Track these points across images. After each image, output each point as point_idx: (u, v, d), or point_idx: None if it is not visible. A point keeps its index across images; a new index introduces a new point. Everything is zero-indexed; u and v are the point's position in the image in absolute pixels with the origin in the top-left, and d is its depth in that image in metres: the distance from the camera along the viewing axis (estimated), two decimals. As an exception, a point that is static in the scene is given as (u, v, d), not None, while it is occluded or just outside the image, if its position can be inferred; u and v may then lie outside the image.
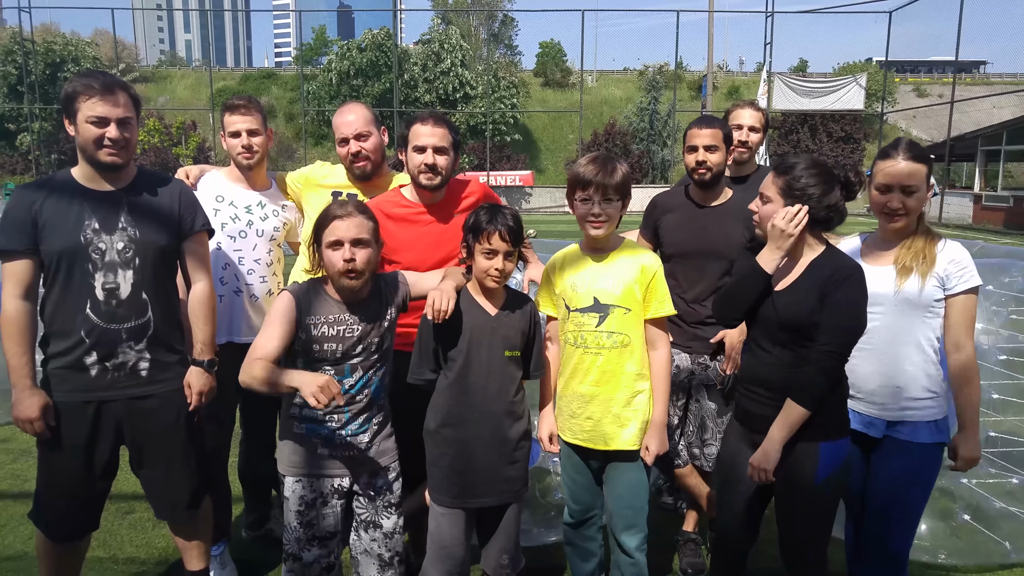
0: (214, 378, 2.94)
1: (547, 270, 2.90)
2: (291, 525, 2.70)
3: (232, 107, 3.34)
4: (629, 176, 2.74)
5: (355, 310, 2.67)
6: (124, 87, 2.72)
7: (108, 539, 3.74)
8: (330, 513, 2.71)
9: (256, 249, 3.38)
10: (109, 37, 40.28)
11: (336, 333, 2.63)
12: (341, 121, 3.31)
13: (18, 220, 2.62)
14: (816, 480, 2.46)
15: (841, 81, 32.90)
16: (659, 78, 43.16)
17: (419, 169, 3.01)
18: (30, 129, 35.53)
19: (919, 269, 2.59)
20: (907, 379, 2.61)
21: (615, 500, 2.80)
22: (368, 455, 2.73)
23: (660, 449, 2.75)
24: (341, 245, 2.59)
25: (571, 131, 42.94)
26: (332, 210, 2.67)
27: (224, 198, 3.35)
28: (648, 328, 2.76)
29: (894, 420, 2.63)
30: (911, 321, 2.61)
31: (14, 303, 2.63)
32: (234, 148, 3.33)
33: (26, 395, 2.62)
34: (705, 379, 3.33)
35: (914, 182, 2.60)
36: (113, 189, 2.74)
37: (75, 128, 2.66)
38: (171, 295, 2.89)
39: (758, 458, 2.48)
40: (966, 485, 3.76)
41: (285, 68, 60.59)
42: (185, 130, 36.86)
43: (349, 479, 2.72)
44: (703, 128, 3.24)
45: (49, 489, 2.76)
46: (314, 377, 2.37)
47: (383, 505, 2.77)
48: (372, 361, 2.70)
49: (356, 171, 3.33)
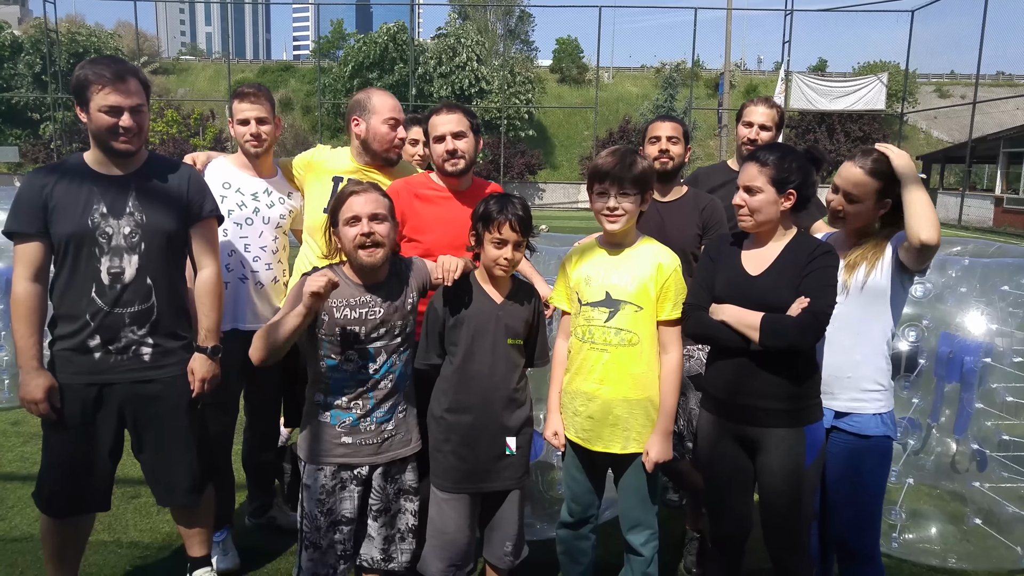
0: (218, 365, 2.94)
1: (564, 262, 2.87)
2: (311, 513, 2.69)
3: (241, 95, 3.33)
4: (650, 170, 2.69)
5: (376, 291, 2.67)
6: (134, 72, 2.73)
7: (113, 523, 3.76)
8: (349, 500, 2.70)
9: (262, 236, 3.37)
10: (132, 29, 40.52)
11: (359, 316, 2.63)
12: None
13: (30, 203, 2.65)
14: (806, 464, 2.51)
15: (863, 80, 32.54)
16: (676, 76, 43.00)
17: (442, 157, 3.06)
18: (53, 118, 35.91)
19: (868, 261, 2.62)
20: (857, 371, 2.64)
21: (622, 498, 2.78)
22: (392, 443, 2.73)
23: (660, 457, 2.67)
24: (359, 220, 2.59)
25: (586, 128, 42.86)
26: (347, 188, 2.68)
27: (231, 185, 3.34)
28: (660, 330, 2.70)
29: (842, 411, 2.65)
30: (863, 312, 2.64)
31: (24, 285, 2.66)
32: (242, 136, 3.32)
33: (32, 376, 2.65)
34: (688, 370, 3.29)
35: (857, 192, 2.63)
36: (122, 174, 2.75)
37: (87, 116, 2.68)
38: (177, 281, 2.89)
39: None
40: (978, 489, 3.71)
41: (303, 61, 60.84)
42: (203, 121, 37.12)
43: (369, 467, 2.71)
44: (665, 121, 3.48)
45: (50, 467, 2.79)
46: (313, 278, 2.46)
47: (400, 492, 2.77)
48: (395, 345, 2.70)
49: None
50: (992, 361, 3.66)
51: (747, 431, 2.58)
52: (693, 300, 2.67)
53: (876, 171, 2.61)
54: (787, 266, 2.53)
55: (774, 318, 2.45)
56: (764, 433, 2.54)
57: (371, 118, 3.26)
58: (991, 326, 3.72)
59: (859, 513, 2.67)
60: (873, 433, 2.63)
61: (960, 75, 48.44)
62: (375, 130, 3.26)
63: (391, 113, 3.26)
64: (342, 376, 2.66)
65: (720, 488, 2.71)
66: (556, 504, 3.73)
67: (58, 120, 35.86)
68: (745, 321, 2.49)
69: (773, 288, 2.51)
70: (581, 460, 2.80)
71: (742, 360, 2.55)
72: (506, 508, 2.80)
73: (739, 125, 3.82)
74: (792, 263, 2.52)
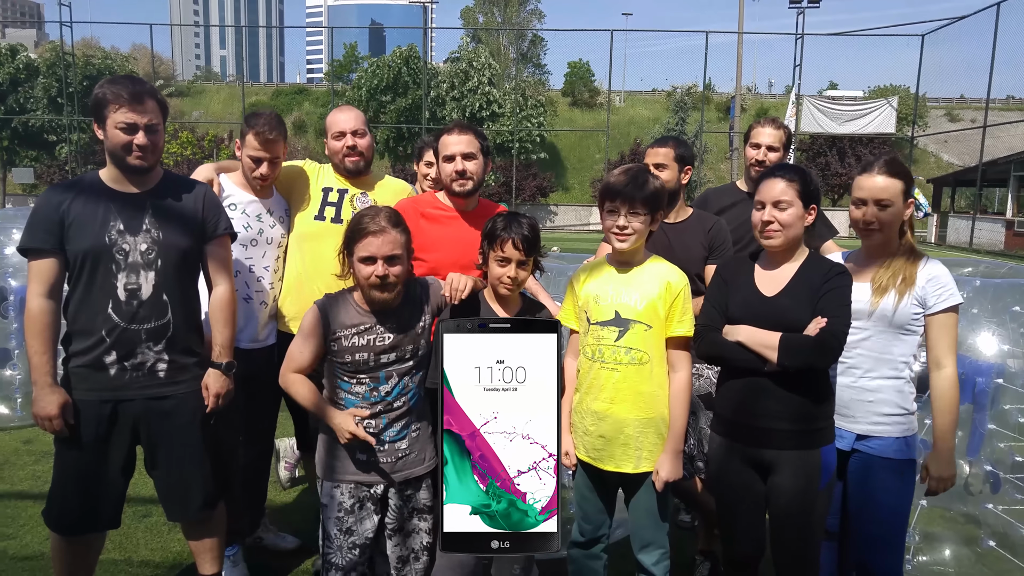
0: (232, 381, 2.96)
1: (572, 280, 2.87)
2: (331, 533, 2.68)
3: (259, 133, 3.26)
4: (661, 190, 2.69)
5: (386, 319, 2.67)
6: (152, 93, 2.77)
7: (124, 541, 3.77)
8: (368, 520, 2.70)
9: (266, 256, 3.41)
10: (147, 52, 41.22)
11: (366, 343, 2.63)
12: (338, 119, 3.50)
13: (46, 219, 2.67)
14: (821, 485, 2.51)
15: (873, 104, 32.61)
16: (687, 99, 43.14)
17: (451, 177, 3.11)
18: (68, 140, 36.40)
19: (897, 288, 2.61)
20: (878, 395, 2.64)
21: (633, 517, 2.76)
22: (406, 462, 2.72)
23: (671, 476, 2.64)
24: (374, 262, 2.58)
25: (597, 150, 43.03)
26: (366, 224, 2.61)
27: (237, 206, 3.35)
28: (669, 349, 2.67)
29: (863, 433, 2.65)
30: (887, 339, 2.64)
31: (39, 301, 2.67)
32: (250, 169, 3.32)
33: (46, 392, 2.65)
34: (697, 389, 3.29)
35: (887, 196, 2.63)
36: (138, 191, 2.79)
37: (104, 133, 2.73)
38: (192, 298, 2.92)
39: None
40: (992, 511, 3.67)
41: (317, 84, 61.54)
42: (217, 143, 37.56)
43: (384, 486, 2.71)
44: (655, 147, 3.57)
45: (62, 484, 2.79)
46: (344, 421, 2.57)
47: (414, 511, 2.77)
48: (407, 368, 2.69)
49: (349, 165, 3.48)
50: (1004, 382, 3.64)
51: (759, 453, 2.57)
52: (706, 321, 2.67)
53: (896, 171, 2.65)
54: (803, 286, 2.53)
55: (792, 337, 2.45)
56: (777, 455, 2.53)
57: (327, 136, 3.55)
58: (1003, 347, 3.71)
59: (881, 535, 2.64)
60: (896, 456, 2.62)
61: (970, 99, 48.46)
62: (328, 146, 3.54)
63: (336, 128, 3.49)
64: (355, 397, 2.67)
65: (732, 509, 2.69)
66: (568, 523, 3.71)
67: (73, 142, 36.34)
68: (762, 341, 2.49)
69: (790, 308, 2.51)
70: (592, 479, 2.78)
71: (754, 381, 2.54)
72: None
73: (747, 147, 3.86)
74: (807, 283, 2.53)
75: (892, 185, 2.63)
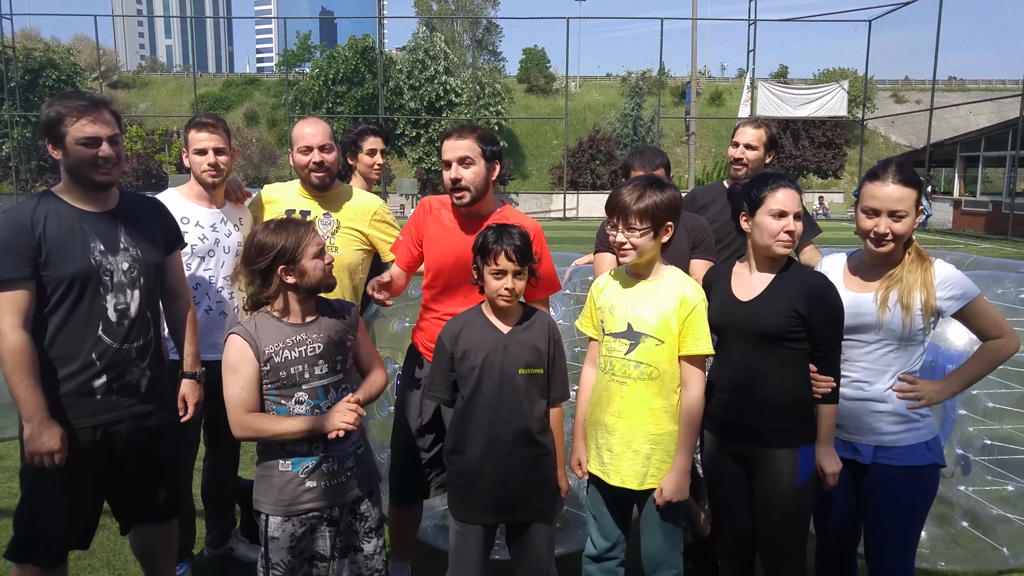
0: (203, 389, 3.00)
1: (592, 288, 2.83)
2: (283, 561, 2.55)
3: (199, 125, 3.32)
4: (663, 202, 2.56)
5: (309, 329, 2.58)
6: (106, 103, 2.69)
7: (112, 559, 3.71)
8: (322, 539, 2.63)
9: (224, 266, 3.36)
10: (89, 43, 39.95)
11: (298, 355, 2.54)
12: (304, 132, 3.38)
13: (20, 246, 2.50)
14: (798, 483, 2.55)
15: (825, 87, 33.26)
16: (642, 84, 43.41)
17: (447, 187, 2.97)
18: (9, 136, 35.14)
19: (911, 306, 2.53)
20: (887, 406, 2.60)
21: (644, 536, 2.73)
22: (354, 480, 2.65)
23: (674, 495, 2.58)
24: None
25: (555, 137, 43.11)
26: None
27: (189, 219, 3.29)
28: (682, 365, 2.59)
29: (881, 445, 2.61)
30: (894, 349, 2.60)
31: (18, 334, 2.48)
32: (199, 165, 3.29)
33: (44, 427, 2.49)
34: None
35: (903, 207, 2.49)
36: (107, 209, 2.71)
37: (62, 151, 2.58)
38: (159, 311, 2.93)
39: (831, 467, 2.57)
40: (963, 492, 3.82)
41: (268, 74, 60.35)
42: (168, 137, 36.64)
43: (337, 508, 2.64)
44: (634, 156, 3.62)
45: (48, 515, 2.65)
46: (340, 414, 2.48)
47: (365, 529, 2.70)
48: (338, 379, 2.62)
49: (315, 180, 3.39)
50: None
51: (744, 449, 2.64)
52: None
53: (909, 179, 2.52)
54: (783, 295, 2.55)
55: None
56: (759, 452, 2.59)
57: (292, 148, 3.44)
58: (971, 335, 3.84)
59: (901, 541, 2.66)
60: (918, 463, 2.59)
61: (915, 80, 49.62)
62: (294, 159, 3.44)
63: (303, 142, 3.37)
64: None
65: (725, 502, 2.76)
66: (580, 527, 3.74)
67: (14, 137, 35.10)
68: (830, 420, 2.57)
69: (769, 314, 2.54)
70: (603, 493, 2.75)
71: (739, 380, 2.61)
72: (527, 542, 2.73)
73: (729, 146, 3.97)
74: (786, 292, 2.55)
75: (908, 196, 2.50)
